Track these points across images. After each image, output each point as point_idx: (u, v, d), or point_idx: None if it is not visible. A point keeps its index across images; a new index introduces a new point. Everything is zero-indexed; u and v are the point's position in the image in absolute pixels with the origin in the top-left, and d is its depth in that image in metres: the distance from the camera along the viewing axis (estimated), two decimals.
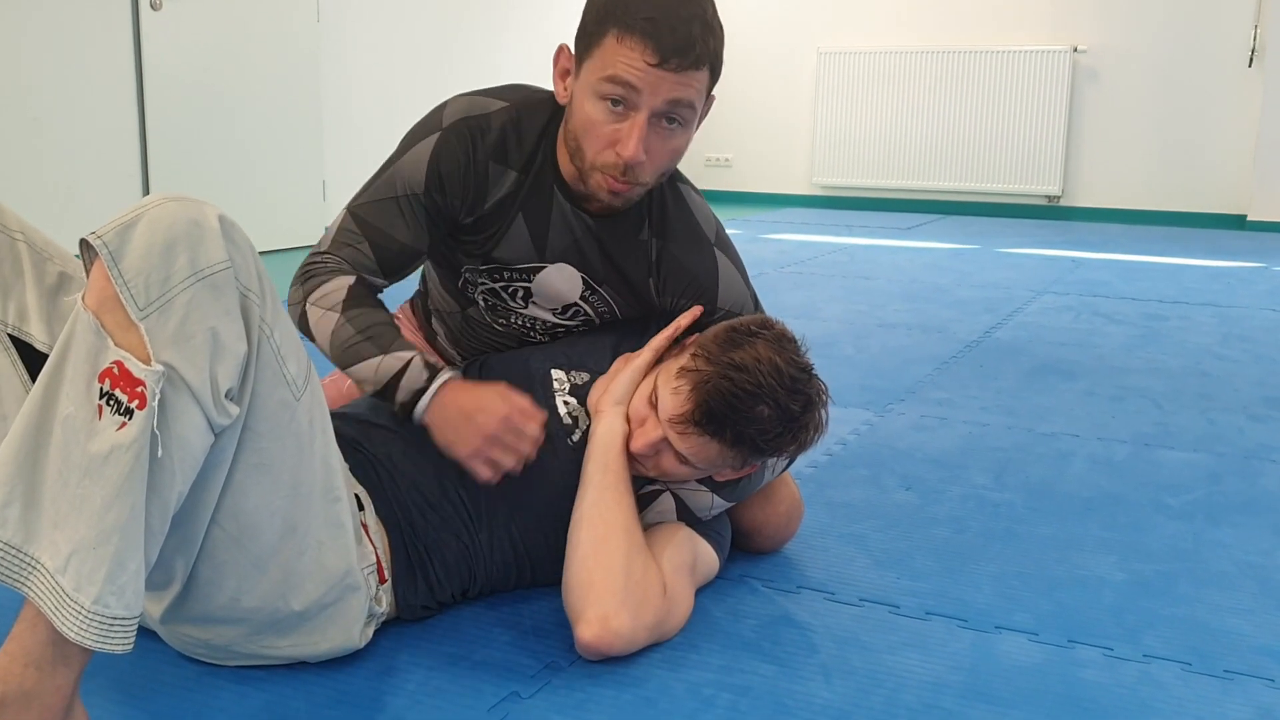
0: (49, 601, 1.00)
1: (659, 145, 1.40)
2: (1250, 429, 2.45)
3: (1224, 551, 1.76)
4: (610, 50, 1.34)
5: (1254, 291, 4.32)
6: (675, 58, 1.33)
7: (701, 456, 1.41)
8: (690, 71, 1.35)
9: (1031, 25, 6.82)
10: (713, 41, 1.37)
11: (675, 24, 1.33)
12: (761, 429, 1.37)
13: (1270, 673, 1.38)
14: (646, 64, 1.33)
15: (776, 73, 7.48)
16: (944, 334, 3.42)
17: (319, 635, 1.28)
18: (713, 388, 1.37)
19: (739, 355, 1.38)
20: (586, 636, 1.32)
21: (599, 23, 1.36)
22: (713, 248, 1.56)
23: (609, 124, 1.37)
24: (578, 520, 1.40)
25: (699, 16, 1.35)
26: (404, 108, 5.47)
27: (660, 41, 1.32)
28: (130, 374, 1.01)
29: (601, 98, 1.36)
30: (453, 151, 1.45)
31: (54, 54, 3.96)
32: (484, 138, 1.46)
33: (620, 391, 1.47)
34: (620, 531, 1.37)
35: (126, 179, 4.29)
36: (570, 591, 1.36)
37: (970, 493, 2.02)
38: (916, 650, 1.42)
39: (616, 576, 1.34)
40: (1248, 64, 6.35)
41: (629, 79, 1.34)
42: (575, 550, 1.37)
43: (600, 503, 1.39)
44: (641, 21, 1.32)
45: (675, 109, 1.37)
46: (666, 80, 1.34)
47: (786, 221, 6.59)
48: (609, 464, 1.42)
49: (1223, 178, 6.50)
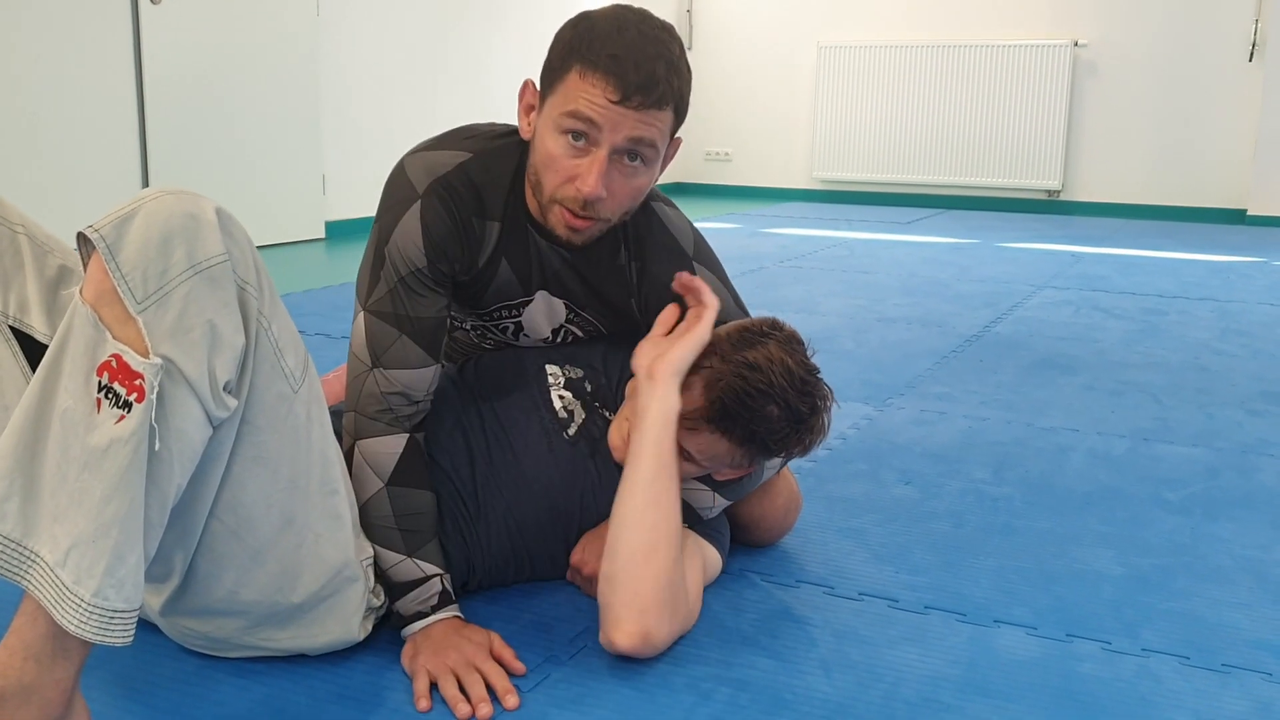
0: (49, 595, 1.00)
1: (620, 183, 1.37)
2: (1248, 424, 2.45)
3: (1221, 546, 1.77)
4: (573, 86, 1.32)
5: (1253, 286, 4.32)
6: (638, 95, 1.30)
7: (709, 453, 1.41)
8: (653, 110, 1.33)
9: (1032, 19, 6.82)
10: (677, 82, 1.34)
11: (639, 61, 1.30)
12: (771, 428, 1.37)
13: (1267, 666, 1.39)
14: (608, 100, 1.30)
15: (777, 67, 7.47)
16: (943, 328, 3.42)
17: (318, 627, 1.29)
18: (726, 385, 1.37)
19: (752, 355, 1.39)
20: (624, 645, 1.31)
21: (563, 58, 1.34)
22: (691, 262, 1.54)
23: (569, 158, 1.35)
24: (627, 515, 1.34)
25: (664, 56, 1.32)
26: (403, 102, 5.49)
27: (623, 79, 1.30)
28: (129, 367, 1.01)
29: (562, 132, 1.34)
30: (439, 216, 1.41)
31: (53, 49, 3.96)
32: (460, 195, 1.43)
33: (680, 360, 1.39)
34: (670, 539, 1.34)
35: (126, 174, 4.28)
36: (614, 590, 1.32)
37: (969, 487, 2.02)
38: (915, 644, 1.43)
39: (663, 590, 1.32)
40: (1248, 58, 6.34)
41: (590, 115, 1.31)
42: (623, 549, 1.33)
43: (653, 501, 1.34)
44: (605, 58, 1.30)
45: (637, 146, 1.34)
46: (628, 118, 1.32)
47: (786, 216, 6.59)
48: (662, 443, 1.36)
49: (1223, 172, 6.50)
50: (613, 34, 1.31)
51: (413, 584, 1.36)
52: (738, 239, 5.50)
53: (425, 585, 1.36)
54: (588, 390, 1.55)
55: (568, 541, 1.51)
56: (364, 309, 1.42)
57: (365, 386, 1.40)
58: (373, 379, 1.40)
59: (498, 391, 1.53)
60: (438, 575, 1.37)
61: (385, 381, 1.40)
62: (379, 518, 1.37)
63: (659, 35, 1.34)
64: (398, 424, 1.41)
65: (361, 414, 1.40)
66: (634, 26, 1.33)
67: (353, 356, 1.42)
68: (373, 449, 1.39)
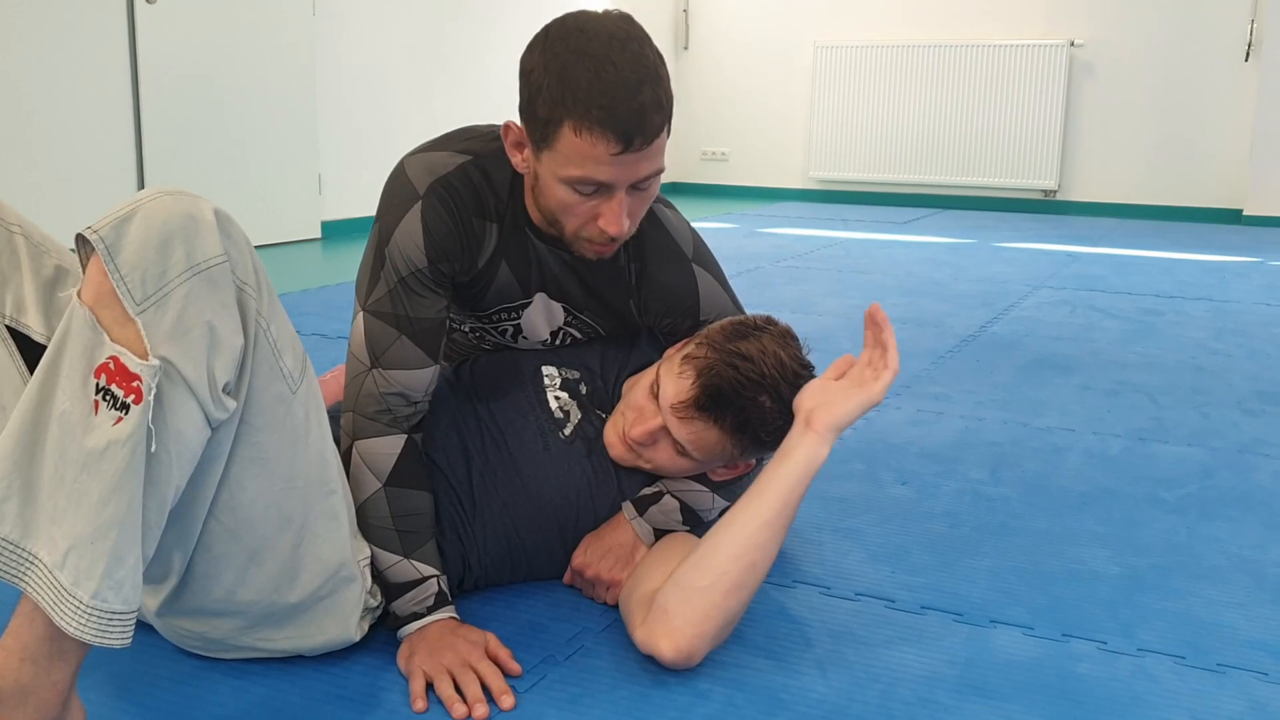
0: (47, 596, 1.00)
1: (637, 203, 1.37)
2: (1244, 423, 2.46)
3: (1217, 546, 1.77)
4: (570, 145, 1.28)
5: (1249, 286, 4.32)
6: (637, 139, 1.27)
7: (700, 444, 1.41)
8: (653, 142, 1.30)
9: (1028, 19, 6.82)
10: (662, 96, 1.29)
11: (627, 103, 1.25)
12: (762, 418, 1.39)
13: (1263, 666, 1.39)
14: (611, 155, 1.27)
15: (773, 66, 7.48)
16: (940, 328, 3.43)
17: (315, 628, 1.29)
18: (717, 374, 1.38)
19: (744, 346, 1.40)
20: (669, 656, 1.30)
21: (551, 109, 1.27)
22: (690, 264, 1.54)
23: (584, 203, 1.34)
24: (731, 544, 1.31)
25: (646, 80, 1.27)
26: (399, 102, 5.48)
27: (619, 129, 1.25)
28: (126, 369, 1.01)
29: (572, 187, 1.32)
30: (440, 216, 1.40)
31: (48, 47, 3.95)
32: (460, 196, 1.42)
33: (845, 417, 1.34)
34: (756, 581, 1.32)
35: (121, 172, 4.28)
36: (683, 604, 1.30)
37: (966, 487, 2.02)
38: (912, 644, 1.43)
39: (727, 625, 1.32)
40: (1244, 58, 6.35)
41: (599, 177, 1.30)
42: (712, 572, 1.30)
43: (761, 542, 1.32)
44: (596, 111, 1.25)
45: (646, 180, 1.34)
46: (634, 163, 1.30)
47: (782, 215, 6.60)
48: (794, 491, 1.33)
49: (1219, 172, 6.51)
50: (594, 79, 1.25)
51: (409, 585, 1.36)
52: (734, 239, 5.50)
53: (422, 586, 1.36)
54: (583, 391, 1.55)
55: (564, 541, 1.51)
56: (363, 309, 1.42)
57: (364, 387, 1.40)
58: (371, 379, 1.39)
59: (494, 391, 1.53)
60: (434, 576, 1.37)
61: (384, 382, 1.39)
62: (376, 518, 1.37)
63: (633, 54, 1.27)
64: (396, 424, 1.40)
65: (360, 414, 1.40)
66: (609, 60, 1.26)
67: (351, 357, 1.42)
68: (371, 449, 1.39)
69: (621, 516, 1.50)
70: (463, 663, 1.29)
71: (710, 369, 1.39)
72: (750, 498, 1.34)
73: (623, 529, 1.49)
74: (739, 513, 1.33)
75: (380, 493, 1.37)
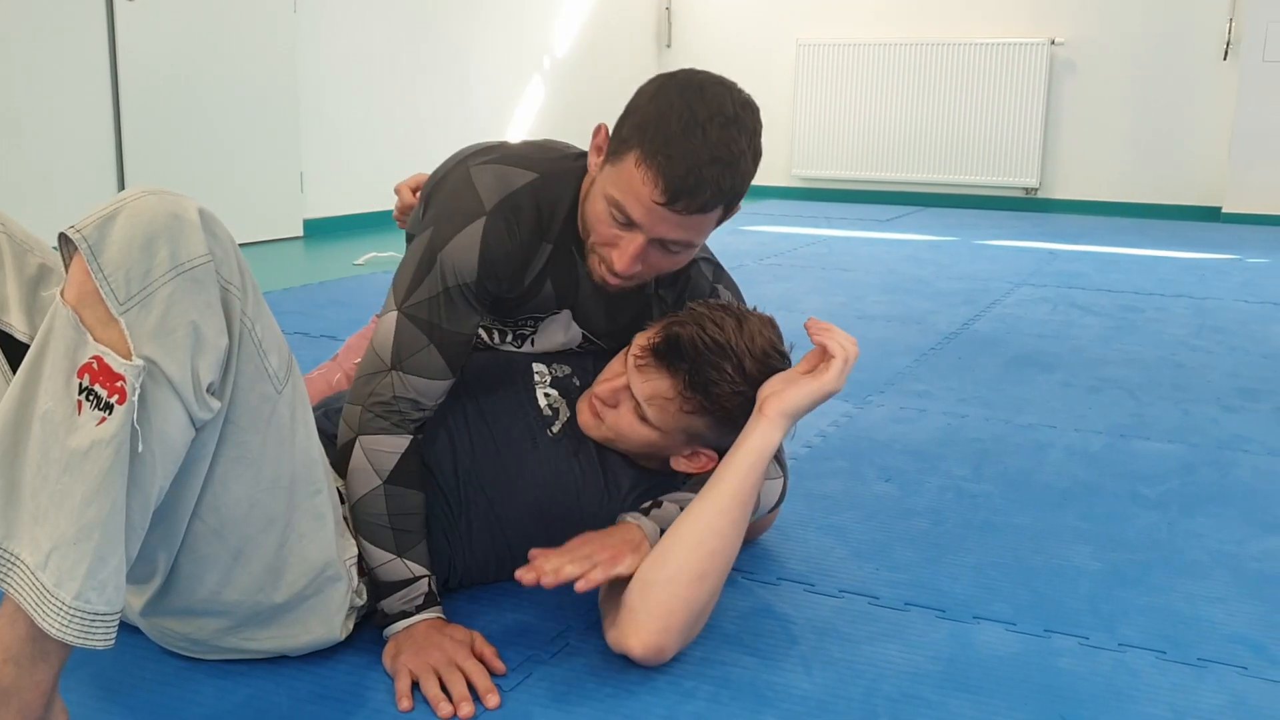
0: (29, 597, 0.99)
1: (660, 259, 1.39)
2: (1224, 419, 2.48)
3: (1197, 541, 1.78)
4: (628, 171, 1.31)
5: (1228, 283, 4.35)
6: (684, 199, 1.30)
7: (651, 396, 1.40)
8: (697, 215, 1.33)
9: (1009, 18, 6.85)
10: (731, 181, 1.32)
11: (694, 167, 1.28)
12: (719, 382, 1.38)
13: (1243, 660, 1.40)
14: (654, 201, 1.30)
15: (755, 64, 7.48)
16: (922, 326, 3.44)
17: (300, 627, 1.28)
18: (683, 326, 1.40)
19: (720, 314, 1.42)
20: (638, 653, 1.30)
21: (633, 131, 1.32)
22: (715, 286, 1.58)
23: (612, 227, 1.36)
24: (689, 534, 1.32)
25: (723, 158, 1.30)
26: (381, 99, 5.47)
27: (671, 182, 1.28)
28: (110, 369, 1.00)
29: (610, 205, 1.35)
30: (501, 238, 1.40)
31: (27, 46, 3.92)
32: (523, 217, 1.42)
33: (795, 403, 1.36)
34: (721, 570, 1.33)
35: (101, 171, 4.25)
36: (646, 598, 1.30)
37: (949, 484, 2.03)
38: (895, 641, 1.43)
39: (695, 616, 1.32)
40: (1223, 57, 6.39)
41: (632, 214, 1.32)
42: (673, 564, 1.31)
43: (719, 530, 1.32)
44: (662, 157, 1.28)
45: (674, 243, 1.36)
46: (670, 220, 1.32)
47: (765, 213, 6.61)
48: (748, 477, 1.34)
49: (1198, 170, 6.55)
50: (679, 132, 1.29)
51: (400, 584, 1.36)
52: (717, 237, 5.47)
53: (413, 586, 1.36)
54: (576, 385, 1.55)
55: (550, 540, 1.50)
56: (399, 309, 1.41)
57: (379, 385, 1.40)
58: (389, 380, 1.40)
59: (484, 388, 1.53)
60: (425, 577, 1.37)
61: (401, 385, 1.39)
62: (373, 515, 1.37)
63: (727, 133, 1.31)
64: (403, 425, 1.40)
65: (367, 410, 1.40)
66: (703, 125, 1.29)
67: (372, 352, 1.42)
68: (375, 446, 1.39)
69: (625, 520, 1.46)
70: (448, 661, 1.29)
71: (678, 322, 1.42)
72: (706, 488, 1.36)
73: (627, 527, 1.45)
74: (696, 504, 1.34)
75: (380, 489, 1.37)
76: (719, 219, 1.40)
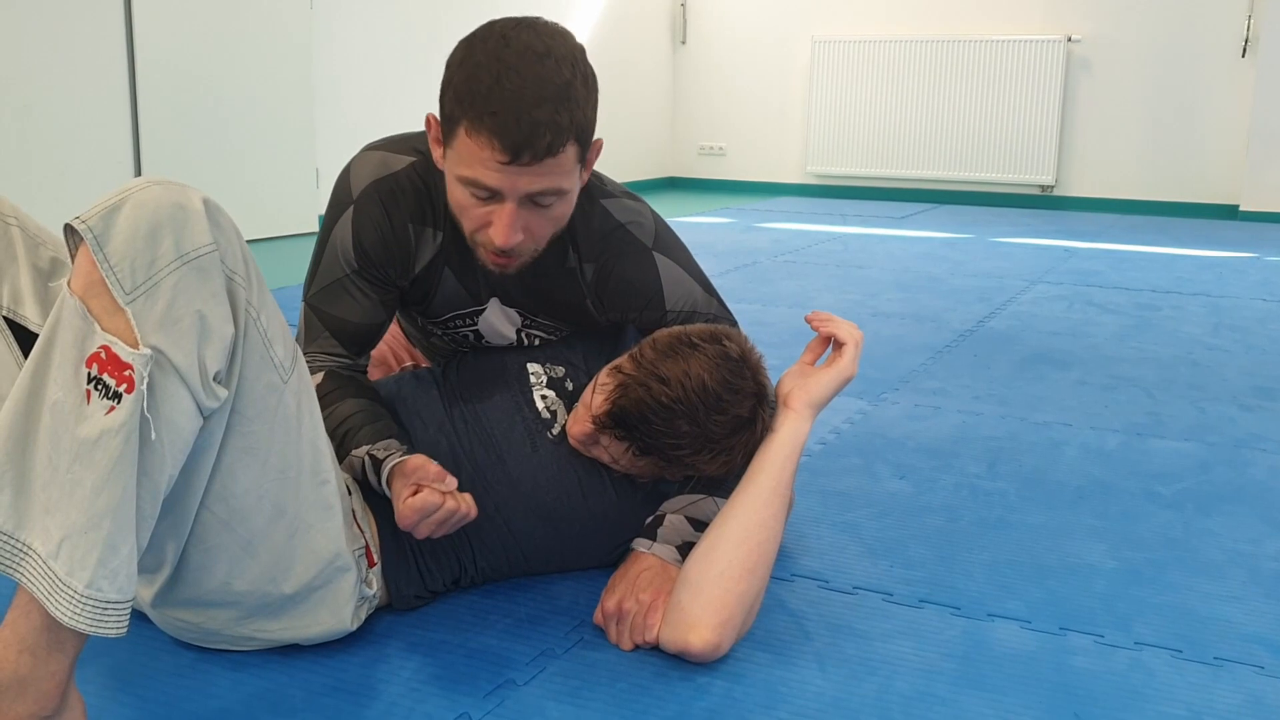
0: (42, 587, 1.00)
1: (537, 220, 1.35)
2: (1240, 418, 2.46)
3: (1214, 540, 1.77)
4: (463, 145, 1.28)
5: (1245, 281, 4.33)
6: (526, 151, 1.25)
7: (618, 457, 1.42)
8: (544, 161, 1.27)
9: (1026, 14, 6.82)
10: (569, 113, 1.27)
11: (520, 114, 1.24)
12: (675, 444, 1.36)
13: (1259, 660, 1.39)
14: (498, 163, 1.26)
15: (771, 61, 7.47)
16: (937, 323, 3.43)
17: (310, 618, 1.29)
18: (628, 395, 1.37)
19: (667, 367, 1.36)
20: (698, 649, 1.31)
21: (454, 106, 1.28)
22: (650, 253, 1.51)
23: (479, 207, 1.33)
24: (734, 530, 1.35)
25: (549, 96, 1.25)
26: (397, 95, 5.47)
27: (506, 139, 1.24)
28: (118, 358, 1.01)
29: (465, 186, 1.32)
30: (368, 223, 1.42)
31: (45, 39, 3.94)
32: (397, 200, 1.42)
33: (819, 394, 1.42)
34: (767, 562, 1.36)
35: (118, 165, 4.27)
36: (697, 596, 1.32)
37: (963, 481, 2.02)
38: (910, 638, 1.43)
39: (748, 610, 1.35)
40: (1241, 54, 6.35)
41: (485, 182, 1.29)
42: (722, 560, 1.33)
43: (762, 523, 1.36)
44: (488, 117, 1.24)
45: (541, 196, 1.32)
46: (523, 175, 1.28)
47: (780, 210, 6.59)
48: (784, 470, 1.38)
49: (1215, 168, 6.51)
50: (493, 85, 1.25)
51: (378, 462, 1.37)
52: (731, 233, 5.50)
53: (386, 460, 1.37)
54: (570, 389, 1.55)
55: (560, 539, 1.50)
56: (304, 300, 1.51)
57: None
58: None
59: (480, 393, 1.53)
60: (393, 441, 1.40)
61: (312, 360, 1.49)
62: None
63: (543, 69, 1.26)
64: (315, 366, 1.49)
65: None
66: (514, 69, 1.25)
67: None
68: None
69: (637, 551, 1.47)
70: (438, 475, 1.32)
71: (622, 388, 1.37)
72: (743, 485, 1.39)
73: (642, 559, 1.45)
74: (735, 500, 1.38)
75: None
76: (579, 156, 1.33)
